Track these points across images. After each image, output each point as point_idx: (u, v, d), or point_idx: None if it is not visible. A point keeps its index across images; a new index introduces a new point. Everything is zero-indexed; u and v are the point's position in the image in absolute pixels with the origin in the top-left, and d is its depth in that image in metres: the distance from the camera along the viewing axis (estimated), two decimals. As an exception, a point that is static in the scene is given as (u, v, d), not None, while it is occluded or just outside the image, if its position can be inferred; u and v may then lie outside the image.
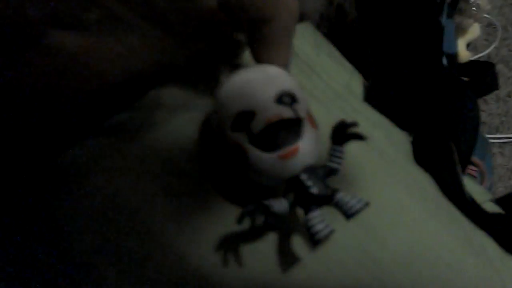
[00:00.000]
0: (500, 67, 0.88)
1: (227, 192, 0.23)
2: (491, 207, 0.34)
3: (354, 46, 0.38)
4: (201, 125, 0.24)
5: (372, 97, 0.34)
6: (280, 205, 0.20)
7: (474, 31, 0.81)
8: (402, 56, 0.43)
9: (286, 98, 0.21)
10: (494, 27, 0.91)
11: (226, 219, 0.23)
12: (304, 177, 0.21)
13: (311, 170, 0.21)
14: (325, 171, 0.22)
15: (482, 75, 0.70)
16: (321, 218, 0.20)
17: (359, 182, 0.25)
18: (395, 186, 0.26)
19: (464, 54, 0.80)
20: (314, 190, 0.21)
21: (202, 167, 0.23)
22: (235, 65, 0.23)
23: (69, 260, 0.22)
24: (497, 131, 0.85)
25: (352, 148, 0.22)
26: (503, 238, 0.28)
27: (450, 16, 0.71)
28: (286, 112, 0.20)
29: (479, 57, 0.87)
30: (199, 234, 0.22)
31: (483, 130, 0.85)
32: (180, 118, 0.24)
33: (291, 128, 0.21)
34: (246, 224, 0.20)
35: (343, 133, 0.21)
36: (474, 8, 0.72)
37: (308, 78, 0.28)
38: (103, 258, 0.22)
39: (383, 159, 0.27)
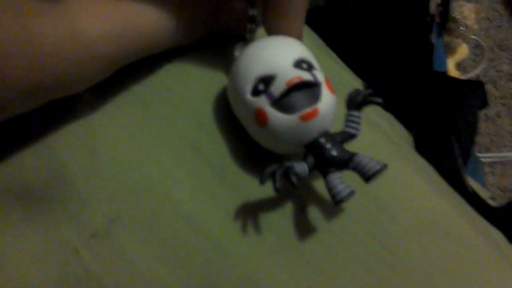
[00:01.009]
0: (488, 87, 0.89)
1: (245, 161, 0.24)
2: (492, 204, 0.34)
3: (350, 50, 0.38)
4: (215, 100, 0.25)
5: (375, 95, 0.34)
6: (300, 167, 0.21)
7: (463, 51, 0.82)
8: (394, 66, 0.43)
9: (304, 64, 0.21)
10: (482, 49, 0.92)
11: (243, 190, 0.23)
12: (323, 140, 0.21)
13: (329, 135, 0.22)
14: (343, 136, 0.22)
15: (472, 93, 0.70)
16: (341, 180, 0.21)
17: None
18: (404, 165, 0.26)
19: (453, 74, 0.81)
20: (334, 152, 0.21)
21: (216, 137, 0.24)
22: (249, 41, 0.24)
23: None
24: (487, 150, 0.86)
25: (363, 129, 0.22)
26: (506, 230, 0.28)
27: (439, 35, 0.72)
28: (305, 75, 0.21)
29: (468, 77, 0.88)
30: (216, 203, 0.22)
31: (474, 150, 0.86)
32: (194, 87, 0.25)
33: (310, 91, 0.21)
34: (268, 186, 0.20)
35: (359, 99, 0.22)
36: (462, 28, 0.73)
37: None
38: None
39: (392, 143, 0.27)
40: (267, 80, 0.21)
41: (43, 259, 0.20)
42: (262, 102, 0.21)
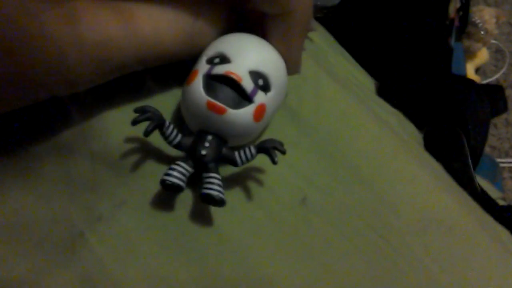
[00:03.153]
0: (509, 92, 0.88)
1: None
2: (502, 203, 0.34)
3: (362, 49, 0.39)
4: None
5: (385, 93, 0.34)
6: (175, 136, 0.21)
7: (483, 56, 0.82)
8: (411, 69, 0.44)
9: (260, 80, 0.21)
10: (503, 53, 0.91)
11: (242, 180, 0.23)
12: (209, 137, 0.21)
13: (219, 139, 0.21)
14: (228, 152, 0.22)
15: (492, 97, 0.70)
16: (217, 182, 0.21)
17: (372, 152, 0.26)
18: (408, 160, 0.26)
19: (473, 78, 0.80)
20: (203, 151, 0.21)
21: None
22: None
23: None
24: (507, 155, 0.85)
25: (369, 125, 0.23)
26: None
27: (458, 39, 0.72)
28: (247, 83, 0.21)
29: (488, 82, 0.87)
30: None
31: (493, 154, 0.85)
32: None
33: (238, 97, 0.21)
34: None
35: (267, 147, 0.21)
36: (482, 32, 0.73)
37: (322, 66, 0.29)
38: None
39: (398, 138, 0.27)
40: (222, 58, 0.21)
41: (50, 241, 0.21)
42: (202, 68, 0.21)
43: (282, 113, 0.25)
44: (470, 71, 0.81)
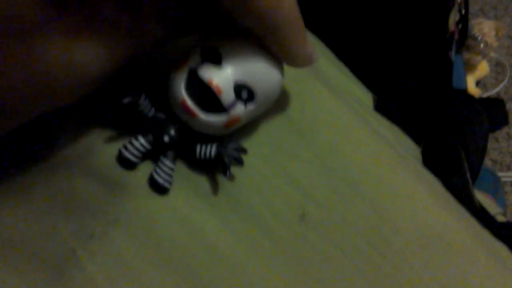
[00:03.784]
0: (510, 106, 0.88)
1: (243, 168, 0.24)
2: (501, 219, 0.34)
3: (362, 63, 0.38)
4: None
5: (383, 108, 0.34)
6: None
7: (483, 69, 0.82)
8: (412, 83, 0.43)
9: (244, 91, 0.21)
10: (503, 67, 0.91)
11: (239, 196, 0.23)
12: (175, 125, 0.22)
13: (183, 133, 0.22)
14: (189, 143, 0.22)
15: (492, 111, 0.70)
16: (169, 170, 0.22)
17: (372, 167, 0.25)
18: (407, 176, 0.26)
19: (473, 91, 0.80)
20: (166, 138, 0.21)
21: None
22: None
23: None
24: (508, 169, 0.84)
25: (368, 140, 0.22)
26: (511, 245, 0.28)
27: (458, 52, 0.72)
28: (227, 96, 0.20)
29: (489, 95, 0.87)
30: (212, 209, 0.23)
31: (494, 168, 0.85)
32: None
33: (215, 104, 0.20)
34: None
35: (226, 159, 0.22)
36: (482, 45, 0.73)
37: (321, 80, 0.29)
38: None
39: (396, 153, 0.27)
40: (215, 55, 0.20)
41: (41, 258, 0.21)
42: (193, 59, 0.21)
43: (282, 125, 0.25)
44: (471, 84, 0.81)
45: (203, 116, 0.20)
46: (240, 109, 0.21)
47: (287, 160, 0.24)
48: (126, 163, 0.21)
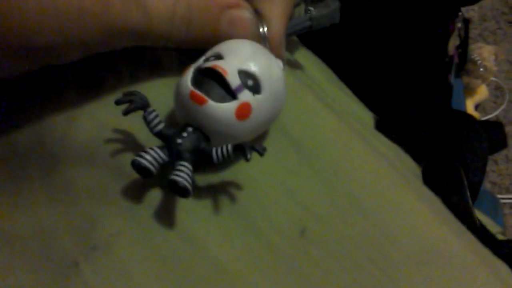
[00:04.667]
0: (509, 129, 0.89)
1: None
2: (501, 238, 0.34)
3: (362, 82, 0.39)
4: None
5: (383, 127, 0.35)
6: (155, 119, 0.21)
7: (482, 92, 0.83)
8: (411, 104, 0.44)
9: (250, 80, 0.21)
10: (502, 91, 0.93)
11: (242, 210, 0.23)
12: (189, 129, 0.21)
13: (199, 133, 0.21)
14: (205, 147, 0.22)
15: (491, 134, 0.70)
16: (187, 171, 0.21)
17: (372, 183, 0.26)
18: (407, 192, 0.26)
19: (472, 115, 0.81)
20: (179, 140, 0.21)
21: None
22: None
23: None
24: (507, 191, 0.85)
25: (369, 157, 0.23)
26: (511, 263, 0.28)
27: (458, 76, 0.73)
28: (233, 79, 0.21)
29: (488, 119, 0.88)
30: (215, 222, 0.23)
31: (493, 191, 0.85)
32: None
33: (223, 92, 0.21)
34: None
35: (244, 145, 0.21)
36: (481, 69, 0.74)
37: (321, 98, 0.29)
38: None
39: (396, 171, 0.27)
40: (217, 56, 0.21)
41: (43, 270, 0.21)
42: (196, 63, 0.22)
43: (283, 141, 0.25)
44: (470, 108, 0.82)
45: (212, 102, 0.20)
46: (247, 96, 0.21)
47: (287, 175, 0.24)
48: (144, 172, 0.21)
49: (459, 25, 0.65)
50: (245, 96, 0.21)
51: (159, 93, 0.24)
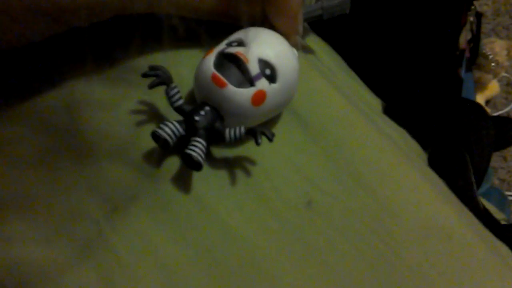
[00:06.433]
0: (519, 125, 0.88)
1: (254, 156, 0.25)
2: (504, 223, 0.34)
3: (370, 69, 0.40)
4: None
5: (391, 112, 0.35)
6: (176, 95, 0.23)
7: (494, 88, 0.83)
8: (420, 96, 0.44)
9: (267, 69, 0.23)
10: (514, 87, 0.92)
11: (251, 180, 0.24)
12: (206, 108, 0.23)
13: (214, 110, 0.23)
14: (219, 126, 0.23)
15: (501, 129, 0.70)
16: (201, 146, 0.22)
17: (376, 161, 0.27)
18: (410, 170, 0.27)
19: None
20: (197, 117, 0.22)
21: None
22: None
23: None
24: (516, 188, 0.84)
25: (373, 136, 0.24)
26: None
27: (469, 70, 0.72)
28: (253, 67, 0.22)
29: (498, 115, 0.88)
30: (226, 189, 0.24)
31: (502, 187, 0.85)
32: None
33: (242, 76, 0.22)
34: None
35: (256, 129, 0.23)
36: (493, 64, 0.74)
37: (331, 82, 0.30)
38: None
39: (400, 150, 0.28)
40: (239, 42, 0.23)
41: (67, 228, 0.22)
42: (219, 47, 0.23)
43: (291, 119, 0.26)
44: (481, 103, 0.81)
45: (231, 87, 0.22)
46: (264, 84, 0.22)
47: (294, 152, 0.25)
48: (162, 143, 0.22)
49: (471, 19, 0.65)
50: (262, 84, 0.23)
51: (181, 71, 0.25)
